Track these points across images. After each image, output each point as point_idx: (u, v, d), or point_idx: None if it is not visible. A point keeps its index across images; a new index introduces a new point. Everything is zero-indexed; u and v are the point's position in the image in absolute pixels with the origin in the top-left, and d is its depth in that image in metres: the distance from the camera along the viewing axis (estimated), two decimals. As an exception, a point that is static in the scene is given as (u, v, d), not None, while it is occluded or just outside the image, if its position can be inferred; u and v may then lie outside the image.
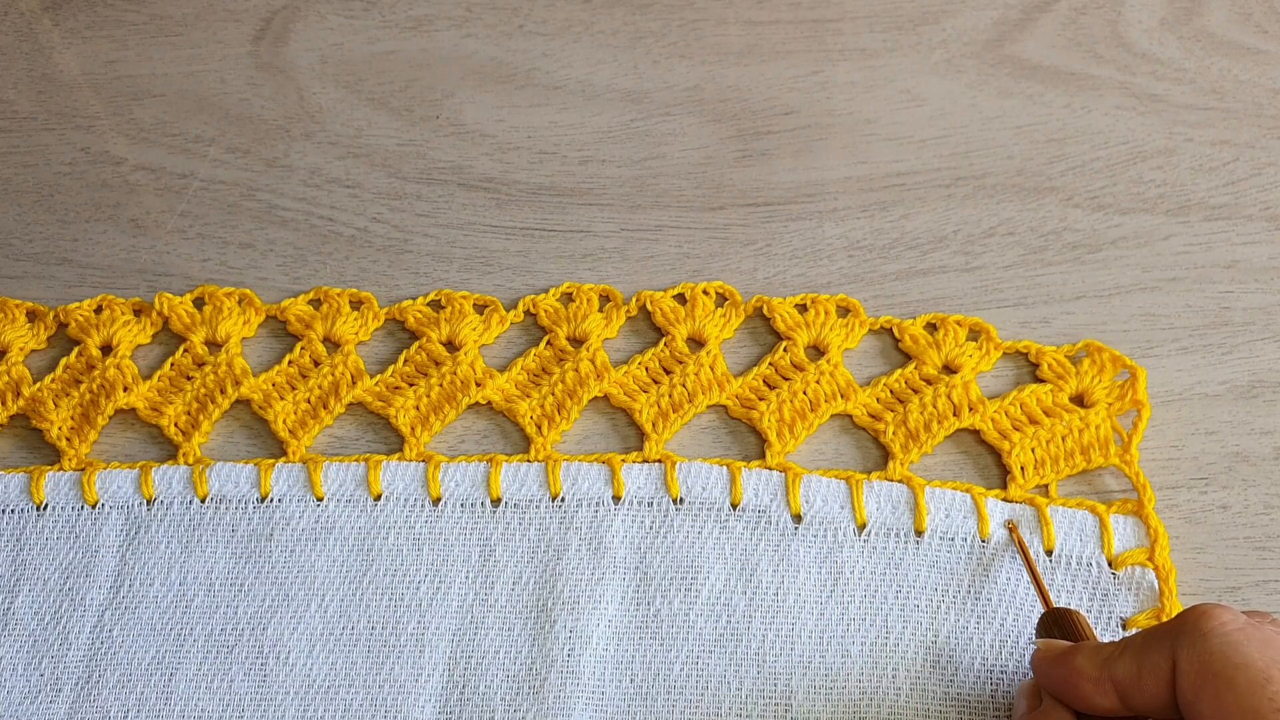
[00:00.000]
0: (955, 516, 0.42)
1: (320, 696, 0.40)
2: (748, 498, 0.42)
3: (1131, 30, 0.56)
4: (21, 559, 0.43)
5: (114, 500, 0.44)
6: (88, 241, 0.52)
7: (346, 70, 0.57)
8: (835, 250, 0.50)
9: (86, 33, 0.60)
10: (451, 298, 0.49)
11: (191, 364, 0.48)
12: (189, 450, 0.45)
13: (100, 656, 0.41)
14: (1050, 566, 0.40)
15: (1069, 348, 0.46)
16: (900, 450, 0.44)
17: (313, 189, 0.53)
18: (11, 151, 0.55)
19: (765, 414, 0.45)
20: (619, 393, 0.46)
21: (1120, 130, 0.53)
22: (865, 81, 0.55)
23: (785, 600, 0.40)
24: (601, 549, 0.42)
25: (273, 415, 0.46)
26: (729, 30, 0.58)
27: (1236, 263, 0.48)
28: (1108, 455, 0.43)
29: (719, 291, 0.48)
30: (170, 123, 0.56)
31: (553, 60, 0.57)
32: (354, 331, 0.48)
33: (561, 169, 0.53)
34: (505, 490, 0.43)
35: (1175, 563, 0.41)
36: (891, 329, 0.47)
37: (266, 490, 0.44)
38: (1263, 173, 0.51)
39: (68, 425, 0.46)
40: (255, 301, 0.49)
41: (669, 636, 0.40)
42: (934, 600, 0.40)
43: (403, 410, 0.46)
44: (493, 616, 0.41)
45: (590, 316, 0.48)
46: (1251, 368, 0.45)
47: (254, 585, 0.42)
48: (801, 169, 0.52)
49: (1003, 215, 0.50)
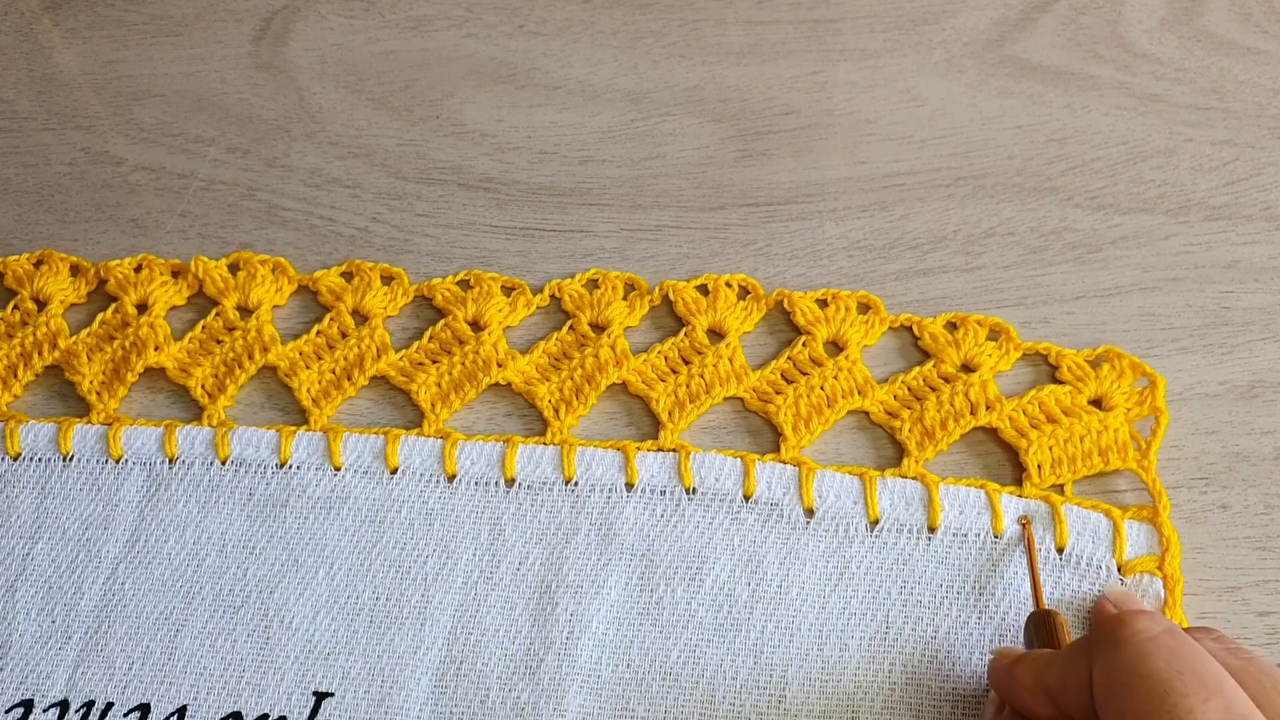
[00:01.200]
0: (969, 513, 0.41)
1: (320, 662, 0.40)
2: (761, 490, 0.42)
3: (1131, 30, 0.56)
4: (45, 507, 0.44)
5: (137, 456, 0.45)
6: (88, 241, 0.52)
7: (346, 70, 0.57)
8: (835, 250, 0.50)
9: (86, 33, 0.60)
10: (481, 278, 0.49)
11: (222, 328, 0.48)
12: (214, 412, 0.46)
13: (111, 608, 0.42)
14: (1059, 564, 0.40)
15: (1088, 351, 0.45)
16: (915, 448, 0.44)
17: (313, 189, 0.53)
18: (11, 151, 0.55)
19: (782, 408, 0.45)
20: (637, 380, 0.46)
21: (1120, 130, 0.53)
22: (865, 81, 0.55)
23: (788, 593, 0.40)
24: (611, 535, 0.42)
25: (297, 383, 0.47)
26: (729, 30, 0.58)
27: (1236, 263, 0.48)
28: (1126, 459, 0.43)
29: (741, 284, 0.48)
30: (170, 123, 0.56)
31: (553, 60, 0.57)
32: (383, 306, 0.49)
33: (561, 169, 0.53)
34: (520, 471, 0.43)
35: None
36: (911, 327, 0.47)
37: (286, 457, 0.44)
38: (1263, 173, 0.51)
39: (99, 380, 0.47)
40: (289, 270, 0.50)
41: (669, 624, 0.40)
42: (937, 596, 0.40)
43: (424, 386, 0.46)
44: (495, 595, 0.41)
45: (614, 304, 0.48)
46: (1251, 368, 0.45)
47: (266, 549, 0.42)
48: (801, 169, 0.52)
49: (1003, 215, 0.50)
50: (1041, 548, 0.40)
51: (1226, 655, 0.32)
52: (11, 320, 0.49)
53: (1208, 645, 0.33)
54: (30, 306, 0.49)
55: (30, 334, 0.48)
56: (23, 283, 0.50)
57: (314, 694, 0.40)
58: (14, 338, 0.48)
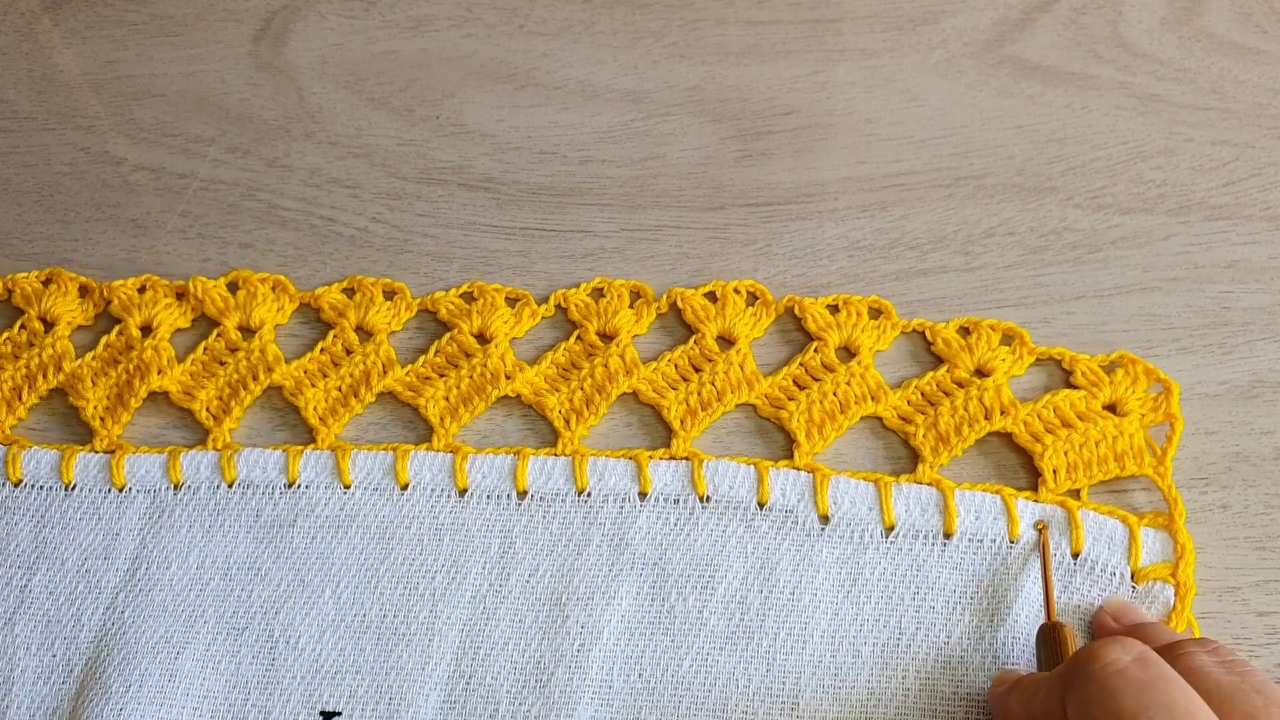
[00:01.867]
0: (985, 519, 0.41)
1: (326, 682, 0.40)
2: (775, 497, 0.42)
3: (1131, 30, 0.56)
4: (43, 537, 0.43)
5: (141, 484, 0.44)
6: (88, 241, 0.52)
7: (346, 70, 0.57)
8: (835, 250, 0.50)
9: (86, 33, 0.60)
10: (484, 289, 0.49)
11: (224, 349, 0.48)
12: (219, 435, 0.46)
13: (110, 636, 0.41)
14: (1073, 569, 0.40)
15: (1102, 357, 0.45)
16: (930, 453, 0.44)
17: (313, 189, 0.53)
18: (11, 151, 0.55)
19: (794, 414, 0.45)
20: (648, 389, 0.46)
21: (1120, 130, 0.53)
22: (865, 81, 0.55)
23: (801, 600, 0.40)
24: (623, 545, 0.42)
25: (303, 402, 0.46)
26: (729, 30, 0.58)
27: (1236, 263, 0.48)
28: (1142, 464, 0.42)
29: (750, 290, 0.48)
30: (170, 123, 0.56)
31: (553, 60, 0.57)
32: (386, 321, 0.48)
33: (561, 169, 0.53)
34: (532, 483, 0.43)
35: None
36: (924, 332, 0.47)
37: (294, 477, 0.44)
38: (1263, 173, 0.51)
39: (102, 405, 0.47)
40: (289, 288, 0.49)
41: (681, 633, 0.40)
42: (950, 602, 0.40)
43: (432, 401, 0.46)
44: (505, 609, 0.41)
45: (621, 312, 0.48)
46: (1251, 368, 0.45)
47: (271, 570, 0.42)
48: (801, 169, 0.52)
49: (1003, 215, 0.50)
50: (1056, 553, 0.40)
51: (1221, 671, 0.32)
52: (19, 340, 0.49)
53: (1201, 659, 0.32)
54: (37, 326, 0.49)
55: (36, 355, 0.48)
56: (31, 301, 0.50)
57: (320, 714, 0.40)
58: (20, 359, 0.48)
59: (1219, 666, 0.32)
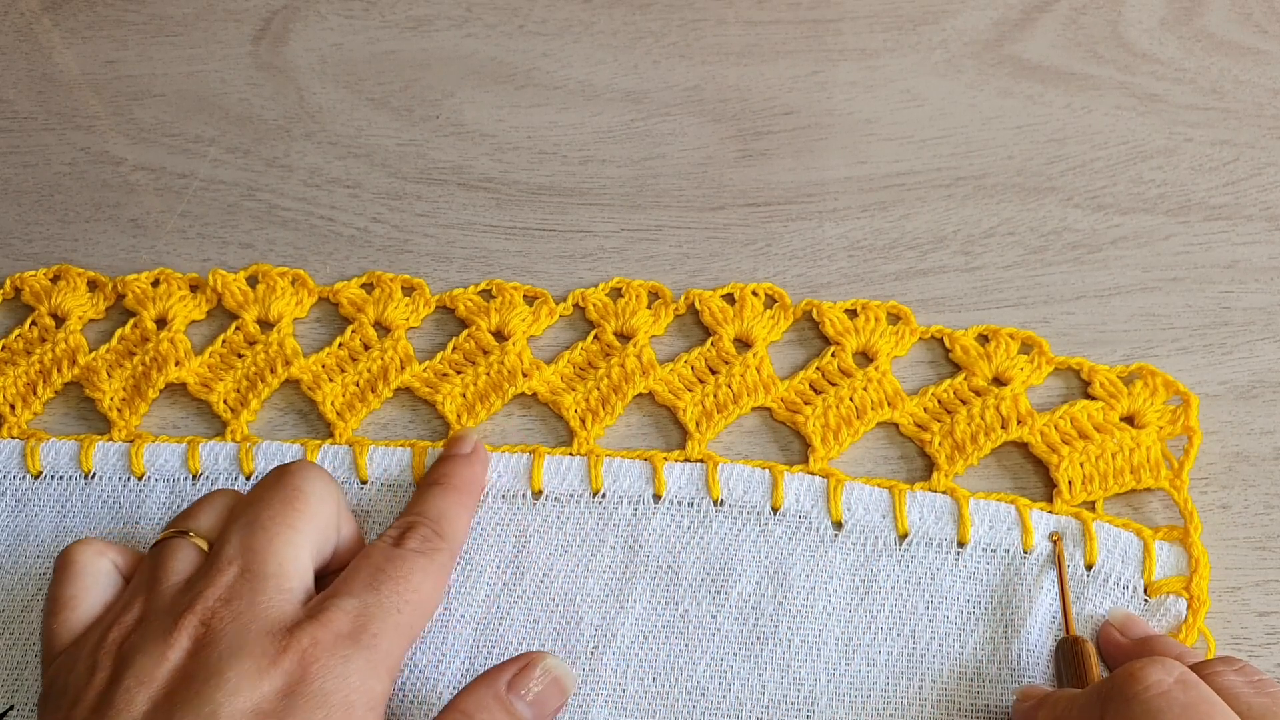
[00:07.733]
0: (999, 528, 0.41)
1: None
2: (789, 502, 0.42)
3: (1131, 30, 0.56)
4: (64, 527, 0.43)
5: (160, 473, 0.44)
6: (88, 241, 0.52)
7: (346, 70, 0.57)
8: (835, 250, 0.50)
9: (86, 33, 0.60)
10: (503, 287, 0.49)
11: (243, 342, 0.48)
12: (237, 428, 0.46)
13: None
14: (1086, 581, 0.40)
15: (1121, 368, 0.45)
16: (945, 461, 0.43)
17: (313, 189, 0.53)
18: (11, 151, 0.55)
19: (810, 418, 0.45)
20: (664, 390, 0.46)
21: (1120, 130, 0.53)
22: (865, 81, 0.55)
23: (814, 606, 0.40)
24: (637, 547, 0.42)
25: (321, 396, 0.46)
26: (729, 30, 0.58)
27: (1236, 263, 0.48)
28: (1158, 477, 0.42)
29: (768, 293, 0.48)
30: (170, 123, 0.56)
31: (553, 60, 0.57)
32: (405, 317, 0.48)
33: (561, 169, 0.53)
34: (547, 483, 0.43)
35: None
36: (942, 338, 0.47)
37: None
38: (1263, 173, 0.51)
39: (119, 396, 0.47)
40: (308, 282, 0.49)
41: (694, 637, 0.40)
42: (964, 611, 0.40)
43: (449, 397, 0.46)
44: (519, 608, 0.41)
45: (639, 313, 0.48)
46: (1251, 368, 0.45)
47: None
48: (801, 169, 0.52)
49: (1003, 215, 0.50)
50: (1070, 564, 0.40)
51: (1251, 692, 0.32)
52: (30, 336, 0.49)
53: (1230, 679, 0.32)
54: (48, 322, 0.49)
55: (49, 350, 0.48)
56: (40, 298, 0.49)
57: None
58: (33, 354, 0.48)
59: (1249, 687, 0.32)
